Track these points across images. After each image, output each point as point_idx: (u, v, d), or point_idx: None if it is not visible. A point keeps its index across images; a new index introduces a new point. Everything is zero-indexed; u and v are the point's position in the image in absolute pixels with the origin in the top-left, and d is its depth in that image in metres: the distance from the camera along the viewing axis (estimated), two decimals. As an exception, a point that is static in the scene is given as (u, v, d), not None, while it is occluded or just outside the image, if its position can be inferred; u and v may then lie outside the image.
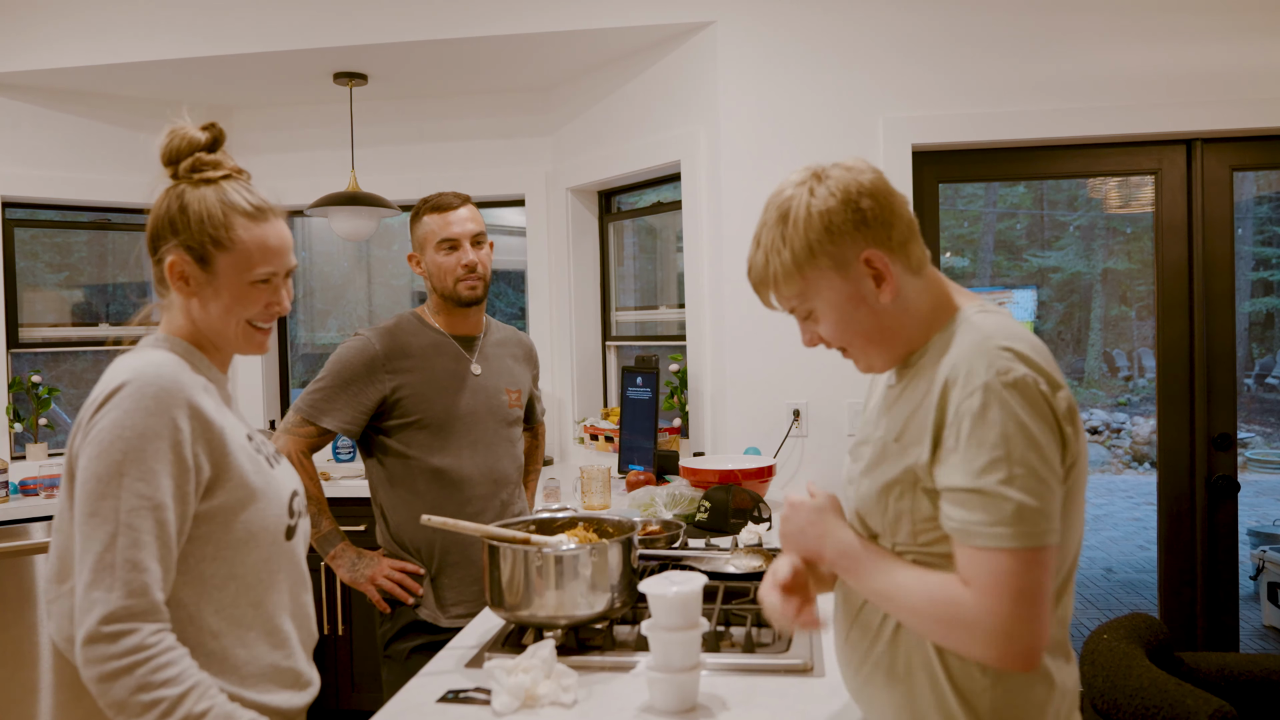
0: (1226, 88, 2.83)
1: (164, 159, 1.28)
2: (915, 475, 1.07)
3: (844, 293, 1.12)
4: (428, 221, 2.15)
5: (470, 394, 2.15)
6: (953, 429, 1.02)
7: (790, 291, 1.13)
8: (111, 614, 1.09)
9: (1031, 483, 0.98)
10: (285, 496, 1.32)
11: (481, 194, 3.89)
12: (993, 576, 0.97)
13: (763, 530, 2.21)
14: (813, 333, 1.18)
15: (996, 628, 0.97)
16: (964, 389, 1.02)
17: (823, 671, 1.42)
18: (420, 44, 3.25)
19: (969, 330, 1.09)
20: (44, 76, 3.44)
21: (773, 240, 1.13)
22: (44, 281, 3.89)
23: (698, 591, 1.29)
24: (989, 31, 2.92)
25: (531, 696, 1.32)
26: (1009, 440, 0.98)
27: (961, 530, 1.01)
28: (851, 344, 1.16)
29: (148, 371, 1.18)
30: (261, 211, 1.28)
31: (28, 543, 3.18)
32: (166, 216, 1.26)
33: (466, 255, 2.14)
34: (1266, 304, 12.43)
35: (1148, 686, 1.72)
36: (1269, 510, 7.52)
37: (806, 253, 1.11)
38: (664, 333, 3.71)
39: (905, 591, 1.05)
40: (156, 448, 1.14)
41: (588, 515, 1.73)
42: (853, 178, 1.13)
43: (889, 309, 1.13)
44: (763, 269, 1.14)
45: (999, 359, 1.01)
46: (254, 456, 1.28)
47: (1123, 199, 3.06)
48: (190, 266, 1.26)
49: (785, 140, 3.02)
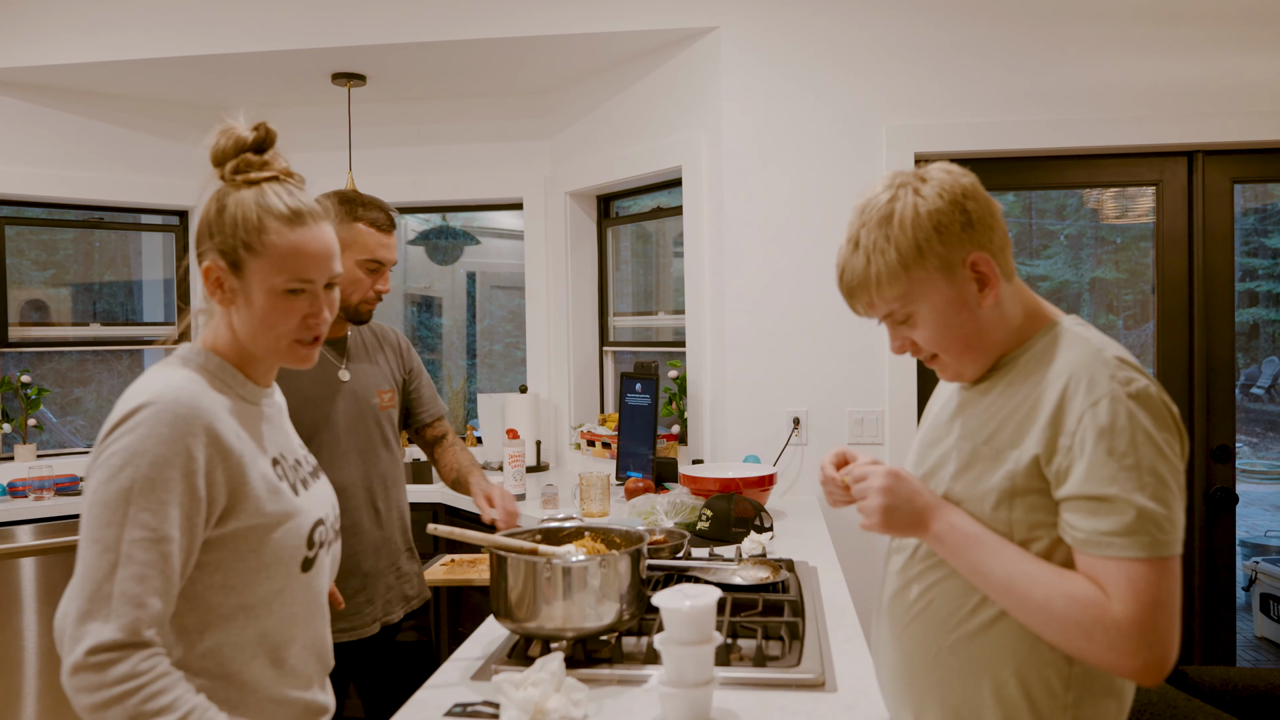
0: (1228, 100, 2.84)
1: (213, 160, 1.23)
2: (1013, 482, 1.06)
3: (948, 296, 1.11)
4: (362, 231, 1.99)
5: (341, 401, 2.01)
6: (1075, 438, 1.01)
7: (893, 294, 1.10)
8: (100, 645, 1.03)
9: (1161, 491, 0.98)
10: (307, 527, 1.24)
11: (479, 197, 3.87)
12: (1130, 585, 0.97)
13: (765, 540, 2.19)
14: (904, 339, 1.15)
15: (1139, 637, 0.96)
16: (1086, 398, 1.01)
17: (835, 686, 1.40)
18: (420, 45, 3.22)
19: (1077, 341, 1.09)
20: (38, 73, 3.40)
21: (875, 241, 1.10)
22: (30, 280, 3.84)
23: (712, 605, 1.27)
24: (993, 42, 2.92)
25: (541, 711, 1.29)
26: (1138, 449, 0.98)
27: (1090, 540, 0.99)
28: (948, 350, 1.13)
29: (166, 395, 1.12)
30: (300, 215, 1.21)
31: (15, 546, 3.13)
32: (206, 219, 1.21)
33: (385, 284, 2.02)
34: (1252, 314, 12.54)
35: (1156, 701, 1.71)
36: (1258, 521, 7.56)
37: (915, 253, 1.09)
38: (660, 339, 3.70)
39: (1038, 584, 1.02)
40: (168, 477, 1.09)
41: (594, 525, 1.70)
42: (954, 180, 1.12)
43: (988, 315, 1.12)
44: (863, 271, 1.11)
45: (1120, 370, 1.02)
46: (276, 485, 1.21)
47: (1119, 210, 3.07)
48: (224, 272, 1.20)
49: (788, 148, 3.01)
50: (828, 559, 2.15)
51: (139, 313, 4.15)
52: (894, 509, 1.13)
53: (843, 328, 2.98)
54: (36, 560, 3.17)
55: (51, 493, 3.30)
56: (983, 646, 1.09)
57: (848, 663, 1.49)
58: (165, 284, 4.08)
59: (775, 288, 3.02)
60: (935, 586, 1.15)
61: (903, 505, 1.13)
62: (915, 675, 1.16)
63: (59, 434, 4.04)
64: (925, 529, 1.12)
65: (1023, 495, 1.06)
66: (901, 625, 1.18)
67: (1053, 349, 1.10)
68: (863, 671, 1.46)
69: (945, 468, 1.16)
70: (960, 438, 1.14)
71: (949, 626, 1.12)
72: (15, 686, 3.13)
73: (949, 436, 1.16)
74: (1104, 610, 0.98)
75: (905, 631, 1.17)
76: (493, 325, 4.84)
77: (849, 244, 1.13)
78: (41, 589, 3.17)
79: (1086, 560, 1.00)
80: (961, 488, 1.12)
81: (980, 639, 1.09)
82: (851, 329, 2.98)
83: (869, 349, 2.98)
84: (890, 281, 1.09)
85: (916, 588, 1.17)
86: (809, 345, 3.00)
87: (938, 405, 1.27)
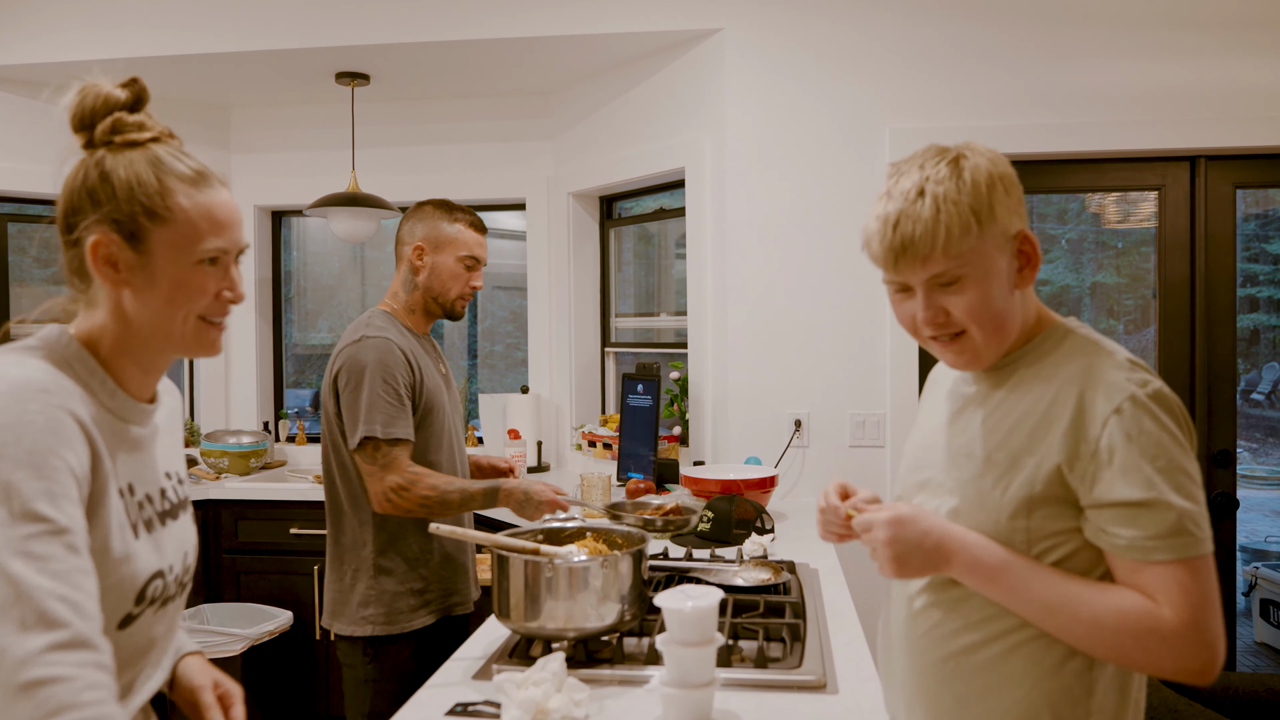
0: (1231, 105, 2.84)
1: (75, 123, 1.04)
2: (1032, 490, 1.03)
3: (999, 267, 1.06)
4: (462, 230, 2.14)
5: (450, 393, 2.17)
6: (1100, 443, 0.99)
7: (959, 249, 1.03)
8: None
9: (1192, 488, 0.98)
10: (138, 579, 1.03)
11: (482, 197, 3.87)
12: (1179, 588, 0.96)
13: (767, 541, 2.19)
14: (938, 308, 1.07)
15: (1195, 638, 0.96)
16: (1108, 402, 1.00)
17: (836, 688, 1.40)
18: (423, 45, 3.22)
19: (1085, 344, 1.07)
20: (41, 70, 3.40)
21: (947, 192, 1.03)
22: (31, 277, 3.84)
23: (714, 606, 1.27)
24: (996, 45, 2.92)
25: (542, 711, 1.29)
26: (1168, 450, 0.98)
27: (1134, 546, 0.98)
28: (985, 326, 1.07)
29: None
30: (204, 177, 1.05)
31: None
32: (84, 188, 1.02)
33: (480, 281, 2.17)
34: (1253, 320, 12.57)
35: (1157, 706, 1.71)
36: (1258, 526, 7.56)
37: (988, 210, 1.04)
38: (662, 340, 3.70)
39: (1082, 603, 1.00)
40: None
41: (596, 526, 1.70)
42: (997, 154, 1.09)
43: (1015, 301, 1.08)
44: (930, 221, 1.02)
45: (1135, 372, 1.02)
46: (122, 523, 1.02)
47: (1121, 214, 3.07)
48: (118, 247, 1.01)
49: (791, 150, 3.01)
50: (829, 561, 2.15)
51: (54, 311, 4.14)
52: (906, 556, 1.09)
53: (845, 330, 2.98)
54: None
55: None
56: (1001, 667, 1.07)
57: (849, 664, 1.49)
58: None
59: (777, 289, 3.02)
60: (949, 606, 1.12)
61: (914, 550, 1.08)
62: (930, 697, 1.13)
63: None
64: (947, 566, 1.08)
65: (1042, 505, 1.04)
66: (917, 650, 1.15)
67: (1060, 351, 1.08)
68: (864, 673, 1.46)
69: (950, 474, 1.13)
70: (967, 443, 1.11)
71: (965, 646, 1.10)
72: None
73: (952, 441, 1.13)
74: (1156, 618, 0.97)
75: (920, 655, 1.14)
76: (494, 326, 4.84)
77: (911, 193, 1.04)
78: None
79: (1128, 566, 0.99)
80: (973, 496, 1.09)
81: (999, 658, 1.08)
82: (853, 331, 2.98)
83: (871, 352, 2.98)
84: (961, 235, 1.03)
85: (926, 605, 1.14)
86: (811, 347, 3.00)
87: (932, 407, 1.24)
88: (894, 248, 1.05)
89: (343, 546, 2.05)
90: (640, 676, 1.44)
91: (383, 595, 2.00)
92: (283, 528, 3.42)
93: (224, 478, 3.64)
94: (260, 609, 3.37)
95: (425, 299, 2.14)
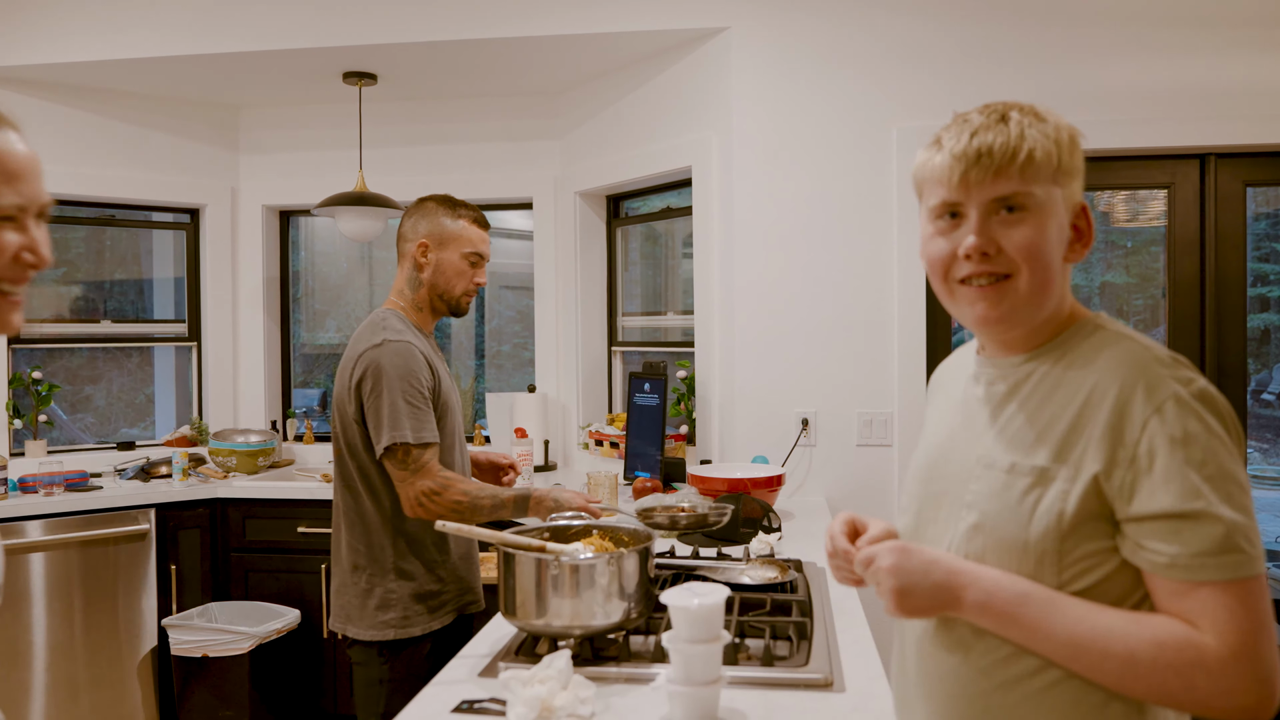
0: (1241, 102, 2.83)
1: None
2: (1066, 505, 0.92)
3: (1061, 221, 0.98)
4: (465, 227, 2.14)
5: (456, 392, 2.17)
6: (1140, 448, 0.89)
7: (1035, 174, 0.96)
8: None
9: (1244, 499, 0.88)
10: None
11: (489, 196, 3.87)
12: (1228, 613, 0.85)
13: (774, 540, 2.18)
14: (990, 236, 0.97)
15: (1247, 671, 0.85)
16: (1148, 403, 0.90)
17: (843, 686, 1.40)
18: (431, 45, 3.23)
19: (1120, 340, 0.98)
20: (50, 71, 3.42)
21: (1033, 122, 0.98)
22: (40, 277, 3.86)
23: (720, 604, 1.27)
24: (1003, 44, 2.91)
25: (548, 708, 1.29)
26: (1216, 455, 0.88)
27: (1178, 564, 0.87)
28: (1035, 271, 0.96)
29: None
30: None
31: (25, 541, 3.14)
32: None
33: (483, 277, 2.17)
34: (1264, 320, 12.51)
35: (1166, 706, 1.69)
36: (1269, 527, 7.51)
37: (1069, 151, 0.99)
38: (669, 339, 3.69)
39: (1114, 638, 0.89)
40: None
41: (602, 524, 1.70)
42: None
43: (1061, 273, 0.99)
44: (1015, 139, 0.96)
45: (1178, 370, 0.93)
46: None
47: (1130, 213, 3.05)
48: None
49: (798, 149, 3.00)
50: (836, 560, 2.14)
51: (149, 310, 4.17)
52: (910, 588, 0.98)
53: (852, 328, 2.98)
54: (45, 555, 3.18)
55: (61, 488, 3.31)
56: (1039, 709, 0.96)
57: (856, 663, 1.49)
58: (176, 282, 4.09)
59: (784, 288, 3.01)
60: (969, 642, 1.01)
61: (918, 583, 0.98)
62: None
63: (69, 431, 4.05)
64: (957, 604, 0.97)
65: (1077, 522, 0.92)
66: (934, 677, 1.05)
67: (1091, 347, 0.98)
68: (871, 672, 1.45)
69: (968, 487, 1.02)
70: (985, 452, 1.01)
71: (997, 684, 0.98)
72: (24, 681, 3.14)
73: (968, 449, 1.03)
74: (1201, 650, 0.86)
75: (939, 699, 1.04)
76: (501, 325, 4.84)
77: (993, 117, 0.99)
78: (50, 584, 3.19)
79: (1170, 588, 0.88)
80: (996, 511, 0.98)
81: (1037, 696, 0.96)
82: (861, 330, 2.97)
83: (878, 350, 2.97)
84: (1043, 161, 0.96)
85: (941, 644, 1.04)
86: (818, 346, 3.00)
87: (942, 412, 1.14)
88: (967, 154, 0.97)
89: (356, 551, 2.02)
90: (646, 674, 1.44)
91: (401, 599, 1.99)
92: (290, 526, 3.43)
93: (232, 476, 3.66)
94: (268, 607, 3.38)
95: (431, 296, 2.13)
